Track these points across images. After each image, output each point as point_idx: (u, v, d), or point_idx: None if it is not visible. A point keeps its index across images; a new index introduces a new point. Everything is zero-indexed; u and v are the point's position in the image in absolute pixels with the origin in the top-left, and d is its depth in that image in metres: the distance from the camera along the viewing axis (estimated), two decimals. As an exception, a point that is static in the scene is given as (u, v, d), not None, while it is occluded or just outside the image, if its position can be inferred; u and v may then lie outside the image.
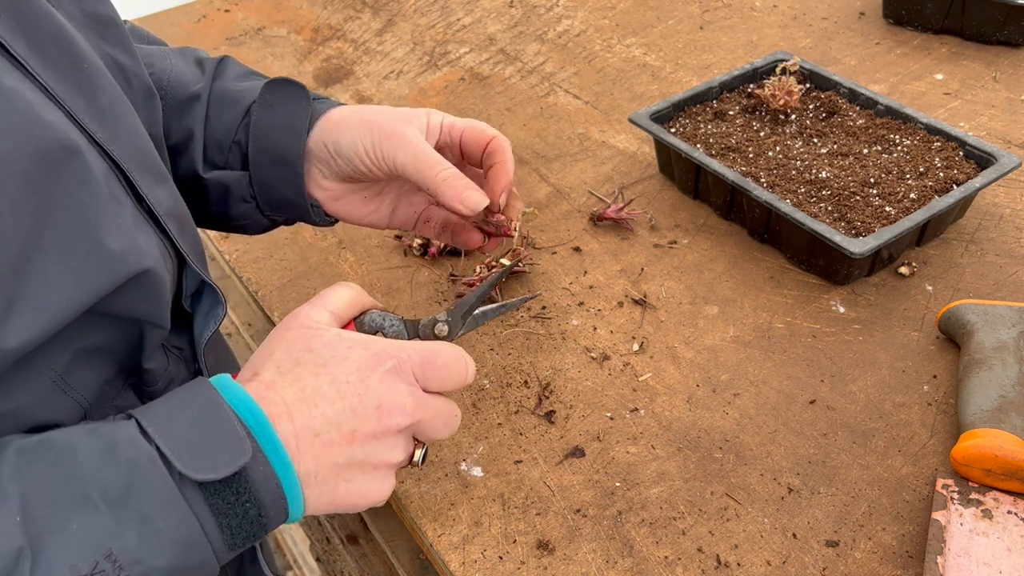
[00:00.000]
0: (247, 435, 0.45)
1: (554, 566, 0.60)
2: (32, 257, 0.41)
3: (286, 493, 0.46)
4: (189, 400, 0.46)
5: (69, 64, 0.47)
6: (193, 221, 0.59)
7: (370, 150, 0.62)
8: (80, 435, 0.43)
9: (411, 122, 0.63)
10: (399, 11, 1.39)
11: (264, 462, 0.45)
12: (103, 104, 0.49)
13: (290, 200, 0.65)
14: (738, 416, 0.69)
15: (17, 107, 0.41)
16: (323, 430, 0.49)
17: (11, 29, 0.44)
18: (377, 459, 0.51)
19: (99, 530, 0.40)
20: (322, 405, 0.49)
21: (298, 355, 0.51)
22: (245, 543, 0.46)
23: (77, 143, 0.44)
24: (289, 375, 0.50)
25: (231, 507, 0.44)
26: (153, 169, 0.53)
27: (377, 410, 0.50)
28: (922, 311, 0.76)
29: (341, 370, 0.50)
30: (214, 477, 0.43)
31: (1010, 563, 0.55)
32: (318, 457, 0.48)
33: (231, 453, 0.44)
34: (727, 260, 0.84)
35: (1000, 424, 0.60)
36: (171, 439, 0.43)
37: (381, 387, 0.51)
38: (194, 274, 0.56)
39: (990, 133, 0.96)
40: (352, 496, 0.50)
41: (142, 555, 0.41)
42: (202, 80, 0.67)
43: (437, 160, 0.61)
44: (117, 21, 0.56)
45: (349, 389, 0.50)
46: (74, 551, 0.39)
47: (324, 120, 0.64)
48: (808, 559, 0.59)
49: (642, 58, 1.19)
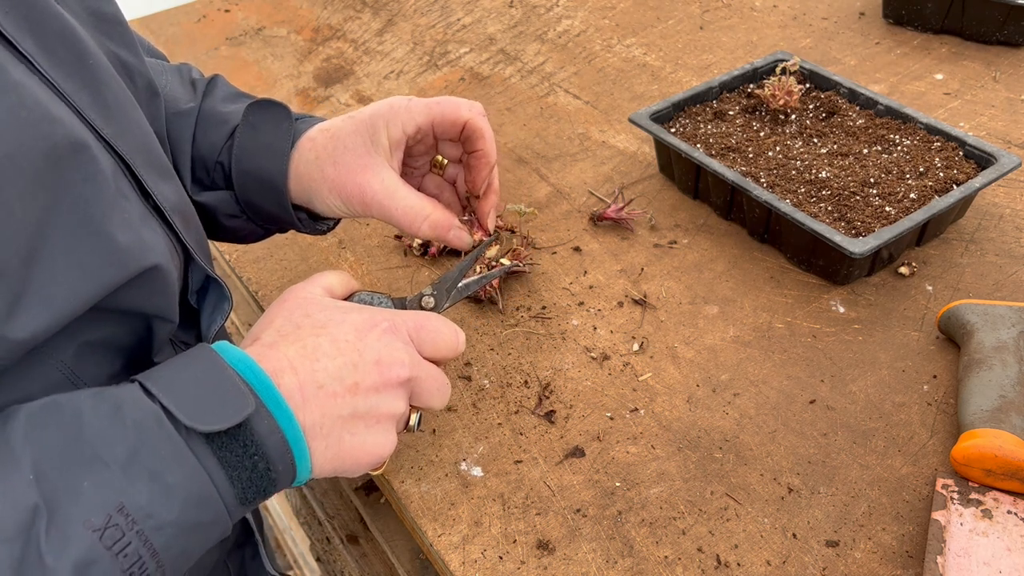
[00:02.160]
0: (249, 390, 0.46)
1: (554, 566, 0.60)
2: (40, 251, 0.41)
3: (292, 446, 0.47)
4: (191, 362, 0.47)
5: (75, 61, 0.48)
6: (197, 216, 0.59)
7: (345, 211, 0.64)
8: (85, 398, 0.43)
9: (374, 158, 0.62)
10: (399, 11, 1.39)
11: (268, 416, 0.46)
12: (109, 100, 0.49)
13: (277, 215, 0.66)
14: (738, 416, 0.69)
15: (26, 102, 0.41)
16: (326, 382, 0.50)
17: (18, 25, 0.45)
18: (380, 410, 0.52)
19: (110, 487, 0.41)
20: (323, 360, 0.50)
21: (298, 320, 0.53)
22: (256, 498, 0.47)
23: (84, 139, 0.44)
24: (290, 336, 0.52)
25: (239, 460, 0.45)
26: (158, 165, 0.53)
27: (377, 364, 0.52)
28: (922, 311, 0.76)
29: (340, 331, 0.52)
30: (219, 427, 0.44)
31: (1010, 563, 0.55)
32: (323, 407, 0.49)
33: (234, 405, 0.45)
34: (727, 260, 0.84)
35: (1000, 424, 0.60)
36: (175, 396, 0.44)
37: (379, 344, 0.52)
38: (199, 269, 0.56)
39: (990, 133, 0.96)
40: (356, 450, 0.51)
41: (153, 509, 0.41)
42: (193, 100, 0.68)
43: (412, 217, 0.62)
44: (121, 19, 0.56)
45: (348, 346, 0.51)
46: (87, 507, 0.40)
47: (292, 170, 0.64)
48: (808, 559, 0.59)
49: (642, 58, 1.19)
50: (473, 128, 0.63)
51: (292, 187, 0.64)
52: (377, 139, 0.62)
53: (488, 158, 0.63)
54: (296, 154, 0.64)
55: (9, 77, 0.41)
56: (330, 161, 0.62)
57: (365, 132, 0.62)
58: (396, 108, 0.63)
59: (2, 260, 0.39)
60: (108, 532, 0.40)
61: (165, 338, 0.53)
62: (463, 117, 0.62)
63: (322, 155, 0.63)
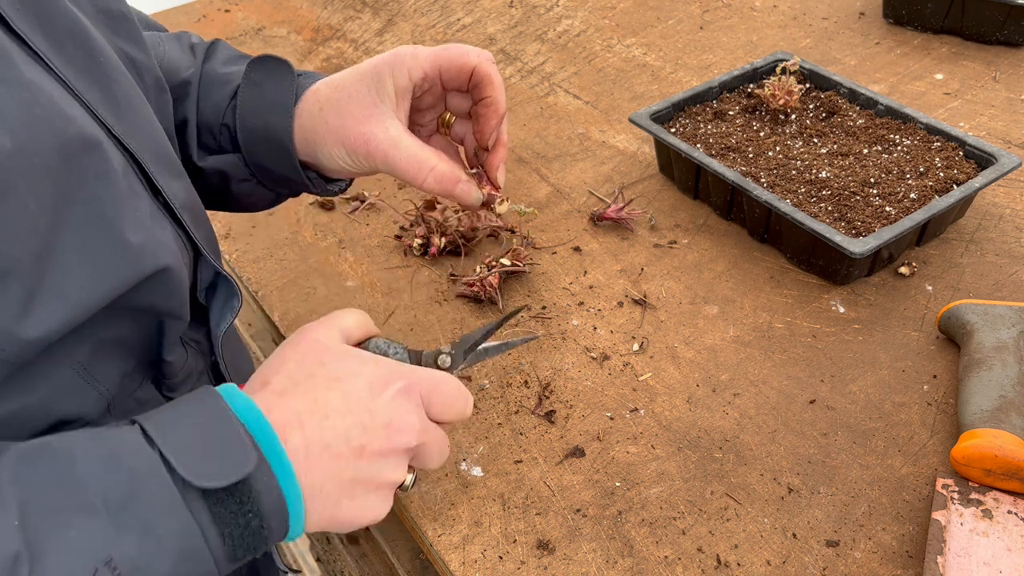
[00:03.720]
0: (252, 444, 0.45)
1: (554, 566, 0.60)
2: (54, 249, 0.41)
3: (288, 506, 0.46)
4: (195, 408, 0.46)
5: (86, 58, 0.48)
6: (206, 213, 0.59)
7: (350, 163, 0.61)
8: (82, 440, 0.42)
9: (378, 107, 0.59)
10: (399, 11, 1.39)
11: (268, 473, 0.45)
12: (119, 98, 0.49)
13: (287, 176, 0.64)
14: (738, 416, 0.69)
15: (39, 99, 0.41)
16: (333, 443, 0.48)
17: (29, 23, 0.44)
18: (381, 477, 0.50)
19: (99, 537, 0.39)
20: (333, 417, 0.49)
21: (311, 368, 0.51)
22: (245, 556, 0.45)
23: (97, 136, 0.44)
24: (302, 386, 0.50)
25: (234, 516, 0.44)
26: (168, 162, 0.53)
27: (387, 428, 0.50)
28: (922, 311, 0.76)
29: (353, 385, 0.50)
30: (218, 485, 0.42)
31: (1010, 563, 0.55)
32: (326, 470, 0.48)
33: (236, 461, 0.43)
34: (727, 260, 0.84)
35: (1000, 424, 0.60)
36: (175, 445, 0.43)
37: (391, 406, 0.51)
38: (208, 266, 0.56)
39: (990, 133, 0.96)
40: (352, 513, 0.50)
41: (142, 563, 0.40)
42: (193, 65, 0.66)
43: (417, 167, 0.59)
44: (128, 16, 0.56)
45: (360, 405, 0.50)
46: (73, 558, 0.38)
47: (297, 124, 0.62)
48: (808, 559, 0.59)
49: (642, 58, 1.19)
50: (481, 74, 0.60)
51: (297, 142, 0.62)
52: (383, 88, 0.59)
53: (497, 106, 0.61)
54: (300, 107, 0.62)
55: (22, 74, 0.41)
56: (334, 111, 0.60)
57: (370, 81, 0.60)
58: (402, 56, 0.60)
59: (16, 258, 0.39)
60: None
61: (176, 336, 0.53)
62: (471, 63, 0.59)
63: (326, 106, 0.61)
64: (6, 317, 0.39)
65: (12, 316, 0.39)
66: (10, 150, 0.38)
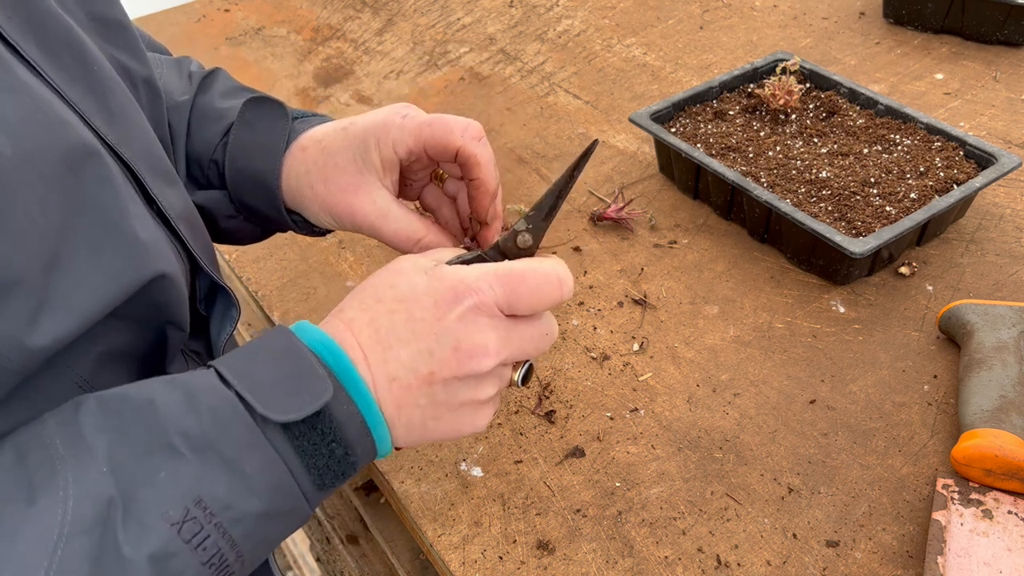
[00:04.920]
0: (327, 374, 0.45)
1: (554, 566, 0.60)
2: (61, 255, 0.41)
3: (372, 431, 0.46)
4: (267, 345, 0.46)
5: (80, 67, 0.47)
6: (202, 223, 0.59)
7: (336, 226, 0.62)
8: (158, 386, 0.43)
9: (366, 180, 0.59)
10: (399, 11, 1.39)
11: (347, 400, 0.45)
12: (113, 106, 0.49)
13: (271, 217, 0.64)
14: (738, 416, 0.69)
15: (40, 106, 0.41)
16: (399, 374, 0.47)
17: (22, 30, 0.44)
18: (462, 397, 0.49)
19: (187, 478, 0.40)
20: (396, 347, 0.47)
21: (381, 291, 0.49)
22: (335, 483, 0.46)
23: (95, 144, 0.44)
24: (368, 312, 0.48)
25: (317, 448, 0.44)
26: (163, 171, 0.53)
27: (455, 352, 0.47)
28: (922, 311, 0.76)
29: (418, 306, 0.48)
30: (296, 417, 0.43)
31: (1010, 563, 0.55)
32: (399, 401, 0.47)
33: (312, 392, 0.44)
34: (727, 260, 0.84)
35: (1000, 424, 0.60)
36: (250, 384, 0.43)
37: (459, 326, 0.47)
38: (206, 276, 0.56)
39: (990, 133, 0.96)
40: (443, 431, 0.49)
41: (232, 501, 0.41)
42: (187, 93, 0.66)
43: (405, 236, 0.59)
44: (125, 24, 0.56)
45: (425, 328, 0.47)
46: (164, 499, 0.39)
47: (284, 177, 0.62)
48: (808, 559, 0.59)
49: (642, 58, 1.19)
50: (466, 156, 0.57)
51: (284, 190, 0.62)
52: (368, 158, 0.59)
53: (486, 187, 0.58)
54: (287, 163, 0.62)
55: (21, 81, 0.41)
56: (320, 178, 0.60)
57: (357, 149, 0.59)
58: (389, 126, 0.58)
59: (24, 269, 0.39)
60: (186, 526, 0.39)
61: (177, 347, 0.53)
62: (455, 144, 0.57)
63: (312, 170, 0.60)
64: (14, 327, 0.39)
65: (20, 326, 0.39)
66: (12, 157, 0.38)
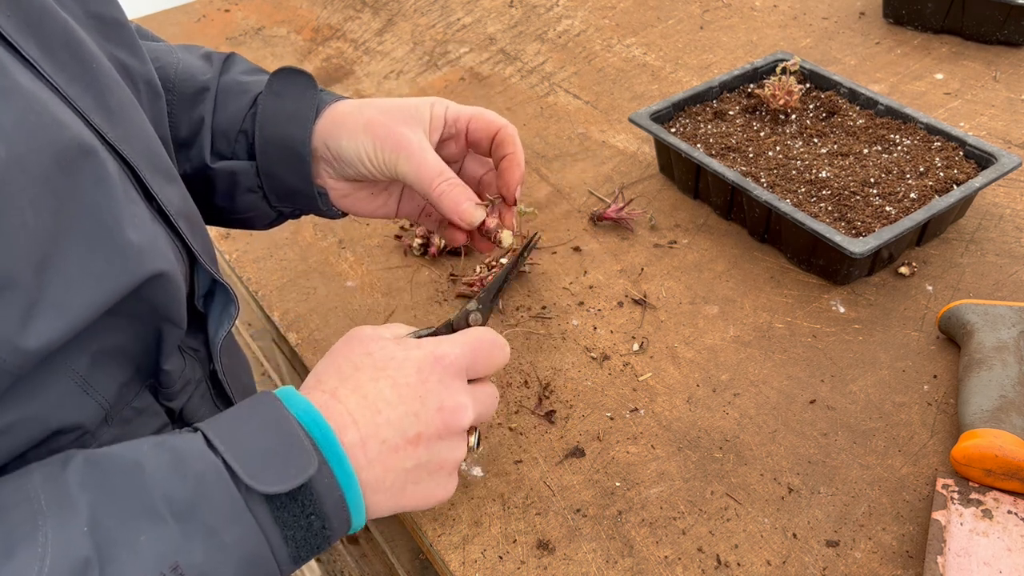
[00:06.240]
0: (313, 447, 0.45)
1: (554, 566, 0.60)
2: (53, 257, 0.41)
3: (349, 504, 0.47)
4: (255, 412, 0.46)
5: (78, 65, 0.47)
6: (203, 220, 0.59)
7: (372, 156, 0.62)
8: (147, 448, 0.43)
9: (414, 122, 0.62)
10: (399, 11, 1.39)
11: (329, 474, 0.46)
12: (112, 104, 0.49)
13: (297, 189, 0.65)
14: (738, 416, 0.69)
15: (34, 106, 0.41)
16: (389, 436, 0.49)
17: (20, 29, 0.44)
18: (441, 459, 0.51)
19: (166, 543, 0.40)
20: (386, 411, 0.49)
21: (357, 360, 0.52)
22: (308, 556, 0.46)
23: (92, 143, 0.44)
24: (350, 381, 0.50)
25: (296, 520, 0.45)
26: (163, 169, 0.53)
27: (440, 411, 0.51)
28: (922, 311, 0.76)
29: (400, 372, 0.51)
30: (282, 489, 0.43)
31: (1010, 563, 0.55)
32: (386, 463, 0.49)
33: (298, 466, 0.44)
34: (727, 260, 0.84)
35: (1000, 424, 0.60)
36: (238, 451, 0.43)
37: (440, 388, 0.51)
38: (205, 273, 0.56)
39: (990, 133, 0.96)
40: (419, 497, 0.51)
41: (208, 569, 0.41)
42: (210, 72, 0.67)
43: (437, 172, 0.61)
44: (123, 21, 0.56)
45: (409, 392, 0.50)
46: (141, 564, 0.39)
47: (327, 117, 0.64)
48: (808, 559, 0.59)
49: (642, 58, 1.19)
50: (504, 135, 0.64)
51: (322, 130, 0.63)
52: (419, 115, 0.63)
53: (518, 160, 0.64)
54: (336, 106, 0.64)
55: (15, 81, 0.41)
56: (375, 108, 0.63)
57: (409, 106, 0.63)
58: (441, 99, 0.65)
59: (16, 270, 0.39)
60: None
61: (174, 344, 0.53)
62: (497, 124, 0.64)
63: (367, 105, 0.64)
64: (7, 328, 0.39)
65: (13, 327, 0.39)
66: (4, 159, 0.38)
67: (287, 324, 0.82)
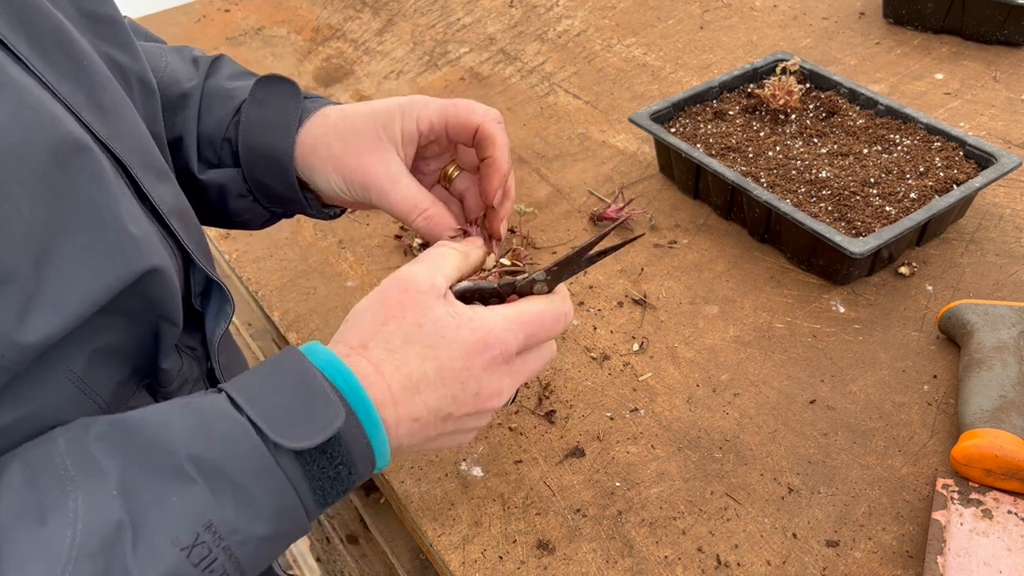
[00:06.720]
0: (339, 400, 0.45)
1: (554, 566, 0.60)
2: (51, 252, 0.41)
3: (375, 450, 0.47)
4: (278, 369, 0.46)
5: (70, 62, 0.47)
6: (197, 218, 0.59)
7: (345, 191, 0.61)
8: (171, 409, 0.43)
9: (383, 146, 0.60)
10: (399, 11, 1.39)
11: (356, 424, 0.46)
12: (104, 102, 0.49)
13: (285, 196, 0.65)
14: (738, 416, 0.69)
15: (29, 101, 0.41)
16: (422, 415, 0.50)
17: (12, 27, 0.44)
18: (467, 428, 0.53)
19: (197, 503, 0.40)
20: (425, 392, 0.49)
21: (408, 331, 0.50)
22: (335, 500, 0.47)
23: (86, 139, 0.44)
24: (397, 355, 0.50)
25: (324, 471, 0.45)
26: (155, 167, 0.53)
27: (476, 396, 0.51)
28: (922, 311, 0.76)
29: (448, 355, 0.50)
30: (309, 445, 0.43)
31: (1010, 563, 0.55)
32: (413, 436, 0.50)
33: (324, 418, 0.44)
34: (727, 260, 0.84)
35: (1000, 424, 0.60)
36: (262, 409, 0.44)
37: (483, 375, 0.51)
38: (201, 272, 0.56)
39: (990, 133, 0.96)
40: (436, 448, 0.53)
41: (240, 525, 0.41)
42: (195, 78, 0.66)
43: (411, 206, 0.59)
44: (116, 19, 0.56)
45: (453, 376, 0.50)
46: (174, 524, 0.40)
47: (299, 142, 0.62)
48: (808, 559, 0.59)
49: (642, 58, 1.19)
50: (484, 134, 0.60)
51: (298, 163, 0.63)
52: (391, 129, 0.61)
53: (499, 166, 0.61)
54: (306, 127, 0.63)
55: (9, 76, 0.41)
56: (339, 139, 0.61)
57: (380, 119, 0.61)
58: (415, 102, 0.61)
59: (13, 264, 0.39)
60: (195, 550, 0.40)
61: (171, 343, 0.53)
62: (475, 121, 0.60)
63: (331, 132, 0.62)
64: (4, 323, 0.39)
65: (10, 322, 0.39)
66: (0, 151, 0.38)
67: (287, 324, 0.82)
